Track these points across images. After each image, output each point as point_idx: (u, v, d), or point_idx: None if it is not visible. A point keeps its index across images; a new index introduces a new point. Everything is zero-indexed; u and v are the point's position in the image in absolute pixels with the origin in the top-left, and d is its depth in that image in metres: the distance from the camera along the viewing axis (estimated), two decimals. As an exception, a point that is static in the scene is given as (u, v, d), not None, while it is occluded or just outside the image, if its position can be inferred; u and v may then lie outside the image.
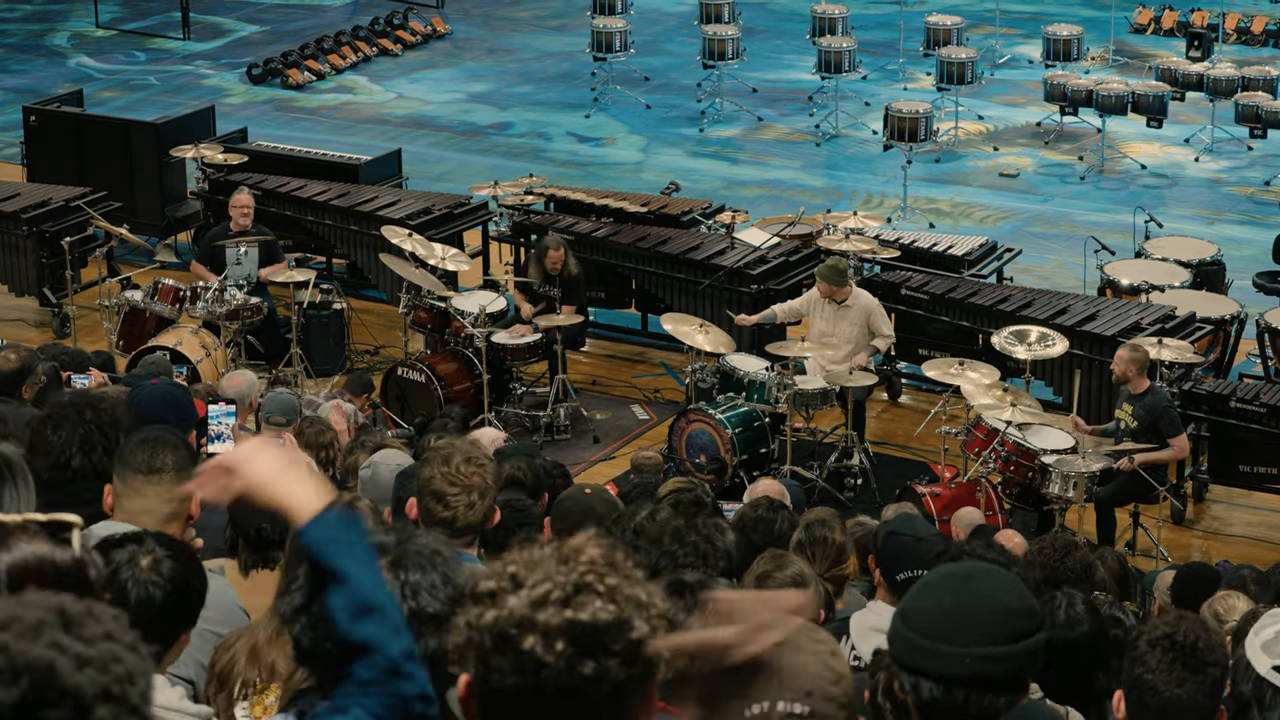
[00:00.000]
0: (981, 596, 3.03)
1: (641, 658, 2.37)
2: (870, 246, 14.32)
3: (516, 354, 13.86)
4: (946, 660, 2.99)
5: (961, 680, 2.99)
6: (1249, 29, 22.63)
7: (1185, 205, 18.08)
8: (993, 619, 3.01)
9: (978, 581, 3.06)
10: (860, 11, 22.54)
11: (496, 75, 22.40)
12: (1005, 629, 3.01)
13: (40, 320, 15.61)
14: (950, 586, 3.07)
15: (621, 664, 2.35)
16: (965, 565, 3.24)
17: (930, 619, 3.03)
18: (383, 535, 2.83)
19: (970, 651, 2.98)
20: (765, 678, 2.68)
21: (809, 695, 2.67)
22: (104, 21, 24.34)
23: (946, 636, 3.00)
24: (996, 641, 3.00)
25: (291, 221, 15.75)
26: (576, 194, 16.29)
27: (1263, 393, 12.55)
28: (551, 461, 9.15)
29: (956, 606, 3.03)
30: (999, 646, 3.00)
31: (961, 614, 3.02)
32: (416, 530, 2.90)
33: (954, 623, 3.01)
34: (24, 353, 8.29)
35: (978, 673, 2.99)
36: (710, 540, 4.96)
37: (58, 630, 2.03)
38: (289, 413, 9.93)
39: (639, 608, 2.38)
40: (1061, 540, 7.21)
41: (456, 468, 4.62)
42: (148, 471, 4.52)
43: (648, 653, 2.37)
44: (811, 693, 2.68)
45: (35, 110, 17.58)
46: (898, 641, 3.06)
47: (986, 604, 3.02)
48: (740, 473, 12.63)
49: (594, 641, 2.34)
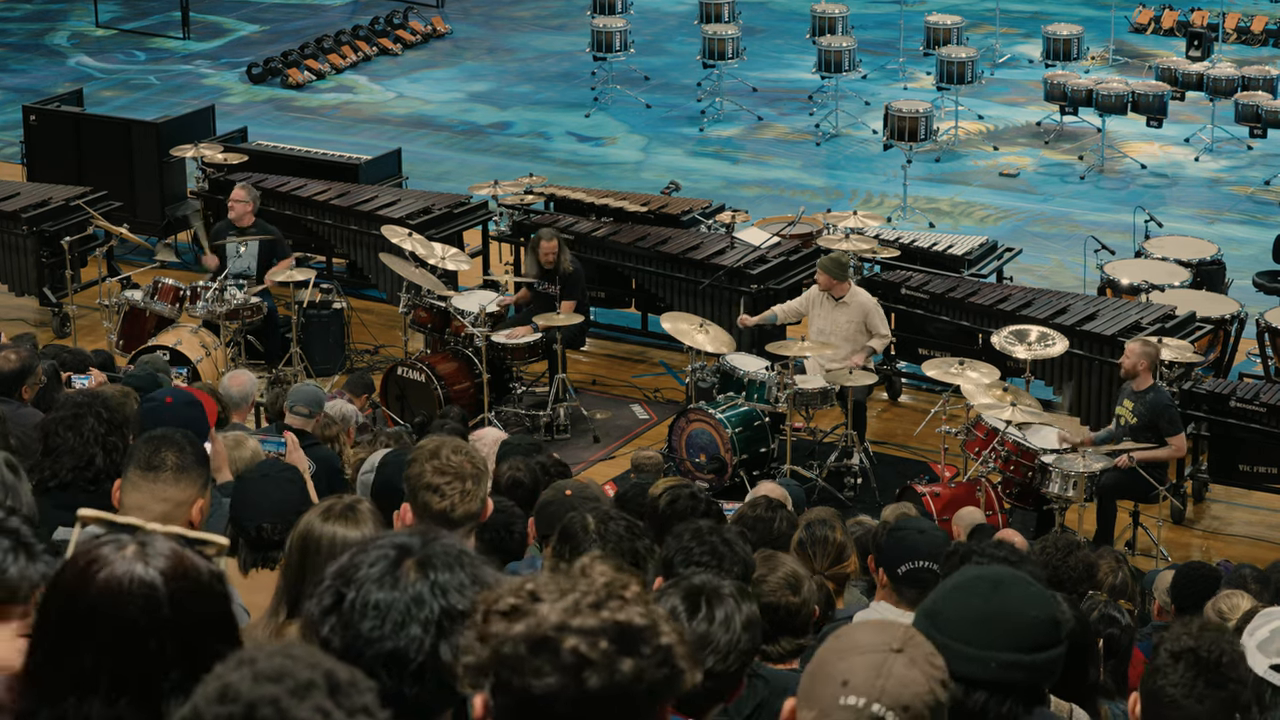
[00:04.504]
0: (1010, 605, 3.08)
1: (673, 662, 2.38)
2: (870, 246, 14.32)
3: (516, 353, 13.87)
4: (971, 663, 3.03)
5: (983, 684, 3.02)
6: (1249, 28, 22.63)
7: (1185, 205, 18.09)
8: (1020, 627, 3.06)
9: (1007, 589, 3.11)
10: (860, 11, 22.54)
11: (497, 75, 22.40)
12: (1031, 638, 3.07)
13: (40, 320, 15.60)
14: (981, 591, 3.12)
15: (656, 665, 2.36)
16: (995, 571, 3.25)
17: (959, 622, 3.07)
18: (406, 536, 2.83)
19: (996, 656, 3.04)
20: (873, 676, 2.71)
21: (906, 709, 2.71)
22: (104, 21, 24.34)
23: (972, 640, 3.05)
24: (1021, 650, 3.05)
25: (291, 221, 15.75)
26: (576, 193, 16.29)
27: (1263, 392, 12.55)
28: (552, 459, 9.14)
29: (986, 612, 3.07)
30: (1024, 655, 3.05)
31: (990, 619, 3.07)
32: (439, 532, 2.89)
33: (982, 627, 3.06)
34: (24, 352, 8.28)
35: (1000, 678, 3.03)
36: (730, 544, 4.97)
37: (323, 694, 2.08)
38: (313, 404, 9.95)
39: (661, 617, 2.41)
40: (1064, 540, 7.23)
41: (446, 458, 4.62)
42: (145, 468, 4.51)
43: (678, 658, 2.39)
44: (909, 707, 2.72)
45: (35, 110, 17.58)
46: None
47: (1015, 612, 3.07)
48: (740, 472, 12.63)
49: (632, 641, 2.35)
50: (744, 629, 3.93)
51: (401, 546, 2.78)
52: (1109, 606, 6.87)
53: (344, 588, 2.74)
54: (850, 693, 2.72)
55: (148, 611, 2.42)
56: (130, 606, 2.41)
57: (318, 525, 4.14)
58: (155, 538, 2.51)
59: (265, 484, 5.18)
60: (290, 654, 2.11)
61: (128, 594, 2.42)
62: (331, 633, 2.71)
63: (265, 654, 2.12)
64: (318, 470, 7.83)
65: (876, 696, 2.71)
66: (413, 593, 2.72)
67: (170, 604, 2.43)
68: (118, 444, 5.08)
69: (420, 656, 2.69)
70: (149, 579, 2.44)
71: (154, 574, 2.44)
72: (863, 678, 2.73)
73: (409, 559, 2.76)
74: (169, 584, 2.44)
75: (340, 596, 2.73)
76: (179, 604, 2.43)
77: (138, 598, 2.42)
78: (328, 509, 4.18)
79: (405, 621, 2.70)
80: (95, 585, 2.43)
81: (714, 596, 3.77)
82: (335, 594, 2.74)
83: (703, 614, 3.72)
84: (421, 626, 2.69)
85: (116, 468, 5.01)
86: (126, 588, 2.43)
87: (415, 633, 2.69)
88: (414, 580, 2.73)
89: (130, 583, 2.43)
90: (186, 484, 4.50)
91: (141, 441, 4.61)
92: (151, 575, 2.44)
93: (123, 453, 5.04)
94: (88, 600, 2.43)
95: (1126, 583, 8.32)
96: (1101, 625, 6.57)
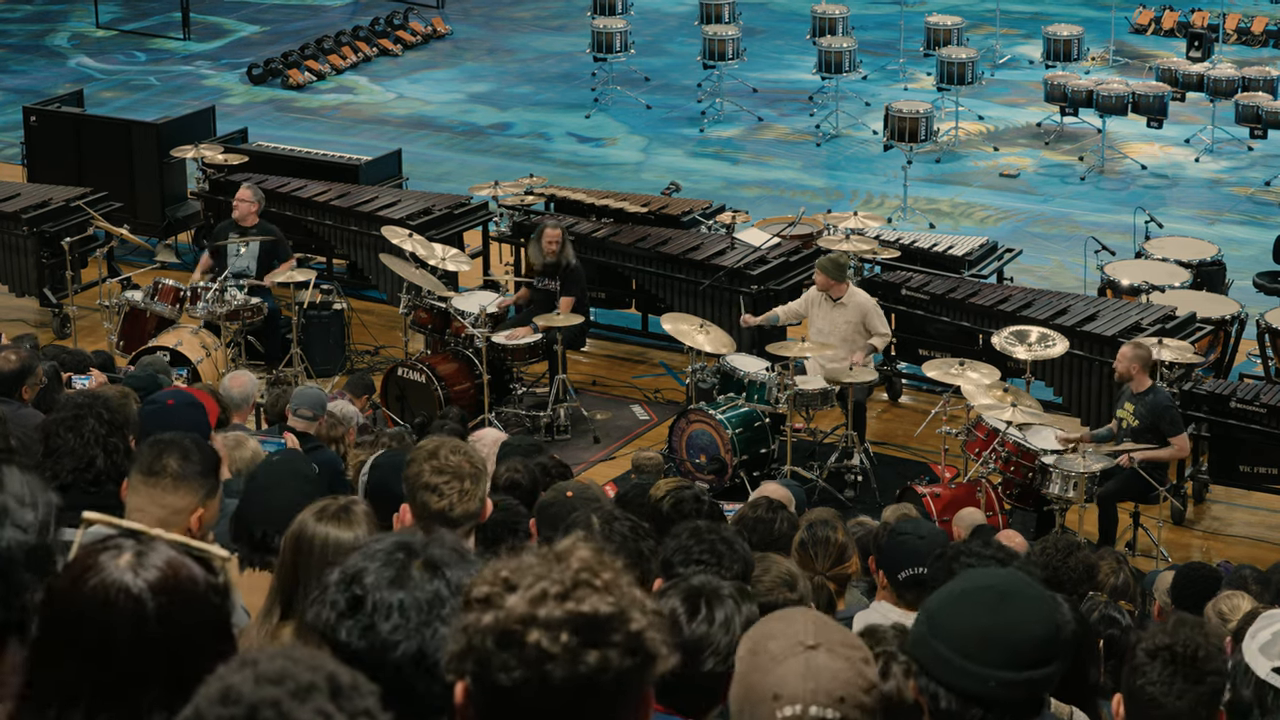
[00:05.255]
0: (1015, 621, 3.02)
1: (643, 649, 2.38)
2: (870, 247, 14.32)
3: (517, 354, 13.87)
4: (970, 678, 3.00)
5: (980, 699, 2.99)
6: (1249, 29, 22.62)
7: (1185, 205, 18.09)
8: (1023, 645, 3.01)
9: (1012, 604, 3.05)
10: (860, 12, 22.54)
11: (497, 75, 22.40)
12: (1033, 656, 3.01)
13: (40, 321, 15.60)
14: (986, 604, 3.06)
15: (623, 654, 2.36)
16: (1003, 581, 3.16)
17: (961, 636, 3.02)
18: (407, 537, 2.83)
19: (995, 675, 2.99)
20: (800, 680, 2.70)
21: (841, 701, 2.69)
22: (104, 22, 24.34)
23: (973, 655, 3.00)
24: (1021, 667, 3.01)
25: (292, 222, 15.74)
26: (577, 194, 16.30)
27: (1263, 393, 12.55)
28: (553, 459, 9.14)
29: (989, 628, 3.02)
30: (1023, 672, 3.01)
31: (993, 636, 3.02)
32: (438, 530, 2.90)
33: (984, 644, 3.01)
34: (24, 353, 8.28)
35: (999, 696, 3.00)
36: (730, 544, 4.96)
37: (325, 697, 2.08)
38: (316, 407, 9.95)
39: (634, 602, 2.39)
40: (1064, 541, 7.22)
41: (444, 458, 4.63)
42: (146, 473, 4.50)
43: (648, 645, 2.38)
44: (844, 699, 2.70)
45: (35, 110, 17.58)
46: (922, 646, 3.06)
47: (1019, 629, 3.02)
48: (740, 473, 12.63)
49: (596, 632, 2.35)
50: (744, 630, 3.93)
51: (405, 547, 2.79)
52: (1109, 607, 6.87)
53: (358, 590, 2.74)
54: (785, 704, 2.69)
55: (132, 624, 2.39)
56: (115, 617, 2.39)
57: (311, 525, 4.13)
58: (156, 545, 2.49)
59: (280, 490, 5.17)
60: (292, 656, 2.11)
61: (113, 604, 2.40)
62: (351, 635, 2.71)
63: (267, 656, 2.12)
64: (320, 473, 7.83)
65: (811, 699, 2.69)
66: (429, 590, 2.73)
67: (157, 617, 2.40)
68: (119, 445, 5.07)
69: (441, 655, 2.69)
70: (135, 590, 2.40)
71: (142, 585, 2.41)
72: (791, 685, 2.71)
73: (416, 559, 2.77)
74: (157, 596, 2.41)
75: (357, 599, 2.73)
76: (167, 617, 2.40)
77: (123, 609, 2.39)
78: (322, 509, 4.18)
79: (429, 620, 2.71)
80: (85, 592, 2.41)
81: (713, 597, 3.76)
82: (351, 597, 2.74)
83: (702, 615, 3.72)
84: (444, 623, 2.70)
85: (117, 469, 5.00)
86: (113, 598, 2.40)
87: (440, 630, 2.70)
88: (427, 579, 2.74)
89: (117, 594, 2.40)
90: (186, 492, 4.47)
91: (148, 444, 4.59)
92: (139, 587, 2.41)
93: (123, 454, 5.03)
94: (76, 607, 2.41)
95: (1127, 583, 8.31)
96: (1102, 626, 6.58)
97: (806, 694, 2.69)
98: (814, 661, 2.71)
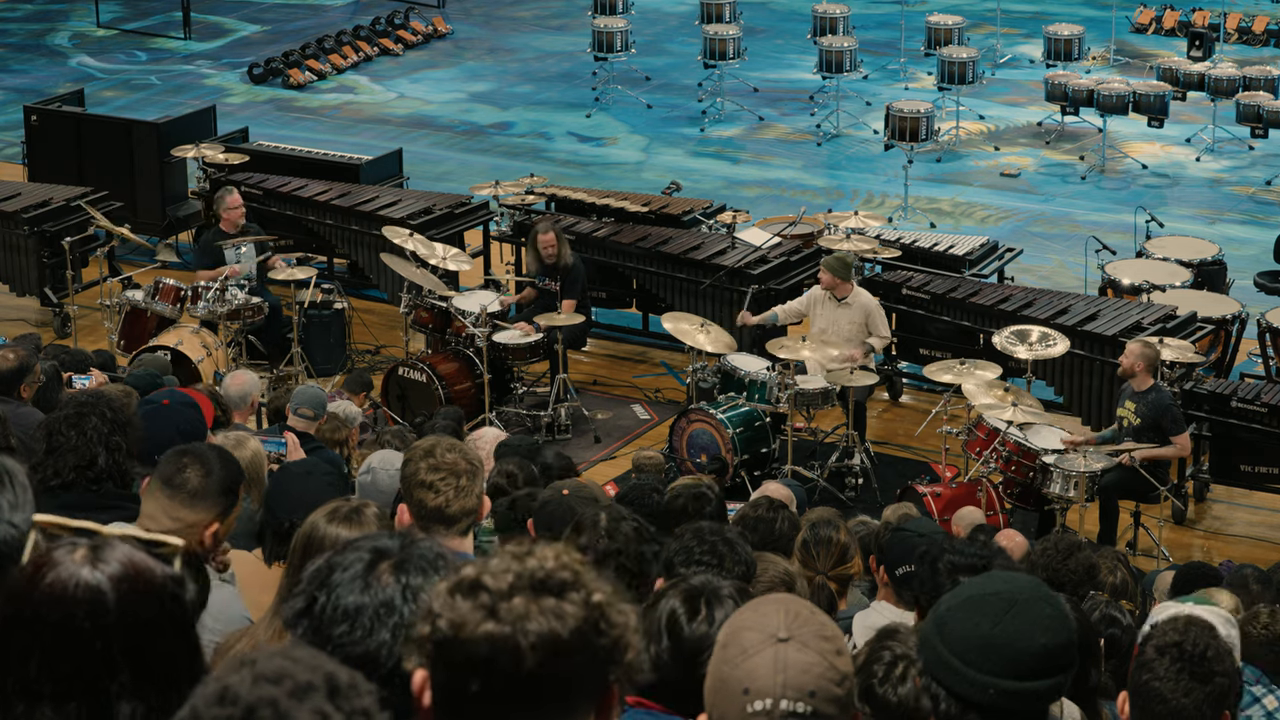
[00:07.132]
0: (1020, 631, 2.98)
1: (605, 621, 2.36)
2: (871, 246, 14.32)
3: (518, 354, 13.86)
4: (971, 685, 2.97)
5: (980, 707, 2.97)
6: (1250, 29, 22.62)
7: (1186, 205, 18.08)
8: (1025, 656, 2.97)
9: (1021, 612, 3.00)
10: (861, 11, 22.53)
11: (497, 75, 22.40)
12: (1035, 667, 2.97)
13: (41, 320, 15.60)
14: (992, 612, 3.01)
15: (582, 609, 2.34)
16: (1014, 587, 3.08)
17: (965, 641, 2.99)
18: (386, 539, 2.83)
19: (996, 683, 2.96)
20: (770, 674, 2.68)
21: (812, 695, 2.67)
22: (105, 21, 24.34)
23: (976, 662, 2.97)
24: (1022, 678, 2.97)
25: (292, 221, 15.75)
26: (577, 194, 16.30)
27: (1264, 392, 12.55)
28: (556, 454, 9.13)
29: (992, 637, 2.98)
30: (1026, 682, 2.97)
31: (997, 645, 2.98)
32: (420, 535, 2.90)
33: (984, 652, 2.97)
34: (21, 351, 8.27)
35: (998, 705, 2.97)
36: (732, 545, 4.95)
37: (323, 696, 2.08)
38: (317, 407, 9.96)
39: (595, 579, 2.38)
40: (1065, 541, 7.21)
41: (441, 456, 4.64)
42: (165, 483, 4.48)
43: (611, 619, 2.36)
44: (815, 692, 2.67)
45: (36, 110, 17.58)
46: (927, 648, 3.04)
47: (1023, 640, 2.98)
48: (741, 472, 12.63)
49: (548, 585, 2.34)
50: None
51: (379, 550, 2.79)
52: (1110, 607, 6.86)
53: (317, 591, 2.75)
54: (755, 698, 2.67)
55: (92, 616, 2.37)
56: (75, 610, 2.37)
57: (321, 526, 4.14)
58: (110, 541, 2.48)
59: (307, 480, 5.19)
60: (290, 656, 2.11)
61: (72, 598, 2.38)
62: (304, 635, 2.72)
63: (265, 656, 2.12)
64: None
65: (781, 693, 2.66)
66: (383, 596, 2.73)
67: (118, 609, 2.39)
68: (121, 444, 5.06)
69: (390, 661, 2.70)
70: (95, 583, 2.39)
71: (101, 577, 2.40)
72: (761, 679, 2.68)
73: (385, 562, 2.77)
74: (118, 587, 2.40)
75: (313, 600, 2.74)
76: (127, 608, 2.39)
77: (83, 602, 2.38)
78: (333, 511, 4.19)
79: (374, 626, 2.71)
80: (40, 589, 2.40)
81: (713, 598, 3.76)
82: (308, 597, 2.75)
83: (702, 615, 3.71)
84: (390, 631, 2.70)
85: (119, 467, 5.00)
86: (71, 592, 2.39)
87: (384, 637, 2.70)
88: (387, 584, 2.74)
89: (76, 587, 2.39)
90: (202, 508, 4.45)
91: (173, 452, 4.56)
92: (99, 579, 2.40)
93: (125, 453, 5.03)
94: (32, 604, 2.39)
95: (1128, 583, 8.31)
96: (1103, 626, 6.56)
97: (778, 687, 2.67)
98: (784, 655, 2.68)
